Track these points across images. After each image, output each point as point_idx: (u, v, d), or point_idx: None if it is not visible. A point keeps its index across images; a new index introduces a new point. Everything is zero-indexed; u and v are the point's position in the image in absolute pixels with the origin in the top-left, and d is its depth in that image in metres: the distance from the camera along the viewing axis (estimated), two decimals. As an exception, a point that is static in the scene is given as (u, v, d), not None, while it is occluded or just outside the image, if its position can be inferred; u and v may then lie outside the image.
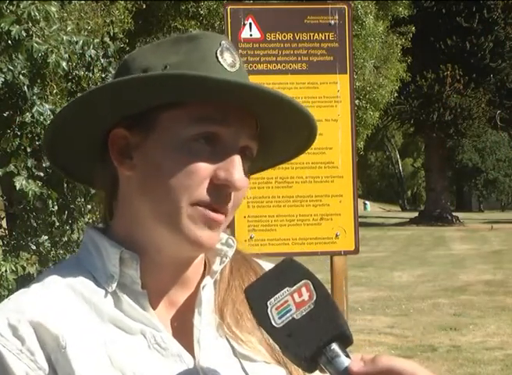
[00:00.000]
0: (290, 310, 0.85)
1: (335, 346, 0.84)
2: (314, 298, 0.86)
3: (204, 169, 0.95)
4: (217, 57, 0.97)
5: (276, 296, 0.86)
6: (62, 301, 0.97)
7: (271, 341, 0.88)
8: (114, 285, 0.98)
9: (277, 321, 0.85)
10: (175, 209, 0.95)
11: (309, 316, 0.85)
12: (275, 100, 0.95)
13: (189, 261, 1.03)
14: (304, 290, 0.87)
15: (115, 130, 1.00)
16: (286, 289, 0.87)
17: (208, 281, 1.04)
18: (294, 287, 0.87)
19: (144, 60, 0.99)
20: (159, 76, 0.94)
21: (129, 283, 0.99)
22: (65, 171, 1.11)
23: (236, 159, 0.96)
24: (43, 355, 0.93)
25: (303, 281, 0.87)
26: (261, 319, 0.86)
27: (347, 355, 0.84)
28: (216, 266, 1.05)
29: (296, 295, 0.86)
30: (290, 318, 0.85)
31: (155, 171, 0.96)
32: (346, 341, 0.85)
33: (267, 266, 1.11)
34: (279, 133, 1.05)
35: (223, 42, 0.99)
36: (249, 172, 1.02)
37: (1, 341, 0.93)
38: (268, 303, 0.86)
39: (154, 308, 1.00)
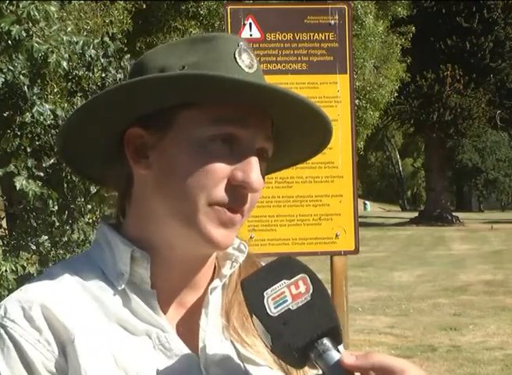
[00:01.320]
0: (286, 301, 0.87)
1: (326, 340, 0.85)
2: (311, 290, 0.87)
3: (221, 169, 0.95)
4: (235, 58, 0.97)
5: (273, 287, 0.87)
6: (71, 296, 0.98)
7: (260, 331, 0.88)
8: (124, 283, 0.99)
9: (273, 310, 0.86)
10: (192, 209, 0.95)
11: (305, 307, 0.86)
12: (293, 102, 0.95)
13: (200, 262, 1.03)
14: (300, 283, 0.88)
15: (131, 130, 1.00)
16: (282, 281, 0.88)
17: (217, 284, 1.04)
18: (291, 280, 0.88)
19: (161, 60, 0.99)
20: (178, 75, 0.93)
21: (138, 282, 0.99)
22: (79, 171, 1.12)
23: (253, 161, 0.96)
24: (58, 346, 0.95)
25: (300, 275, 0.89)
26: (257, 308, 0.87)
27: (338, 351, 0.85)
28: (226, 270, 1.05)
29: (292, 287, 0.87)
30: (286, 308, 0.86)
31: (172, 170, 0.96)
32: (337, 337, 0.86)
33: None
34: (294, 133, 1.05)
35: (241, 43, 0.99)
36: (265, 172, 1.02)
37: (18, 331, 0.95)
38: (265, 293, 0.87)
39: (162, 308, 1.00)
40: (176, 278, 1.02)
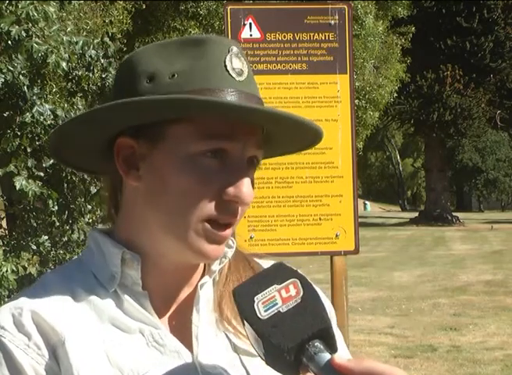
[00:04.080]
0: (276, 304, 0.87)
1: (318, 342, 0.85)
2: (301, 294, 0.88)
3: (212, 184, 0.95)
4: (225, 66, 0.97)
5: (264, 292, 0.88)
6: (62, 301, 0.99)
7: (252, 339, 0.89)
8: (115, 285, 0.99)
9: (263, 314, 0.86)
10: (184, 224, 0.96)
11: (296, 309, 0.87)
12: (283, 119, 0.96)
13: (192, 266, 1.04)
14: (291, 287, 0.88)
15: (121, 139, 0.99)
16: (273, 286, 0.88)
17: (206, 280, 1.05)
18: (282, 285, 0.88)
19: (150, 64, 0.98)
20: (165, 99, 0.93)
21: (130, 284, 1.00)
22: (73, 166, 1.13)
23: (245, 174, 0.97)
24: (49, 350, 0.95)
25: (291, 279, 0.89)
26: (247, 313, 0.87)
27: (330, 354, 0.85)
28: (215, 266, 1.06)
29: (283, 291, 0.88)
30: (276, 311, 0.87)
31: (163, 185, 0.96)
32: (329, 339, 0.86)
33: (265, 263, 1.12)
34: (284, 138, 1.05)
35: (232, 48, 0.98)
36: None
37: (7, 336, 0.95)
38: (255, 298, 0.88)
39: (155, 307, 1.01)
40: (167, 278, 1.02)
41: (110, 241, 1.02)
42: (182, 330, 1.01)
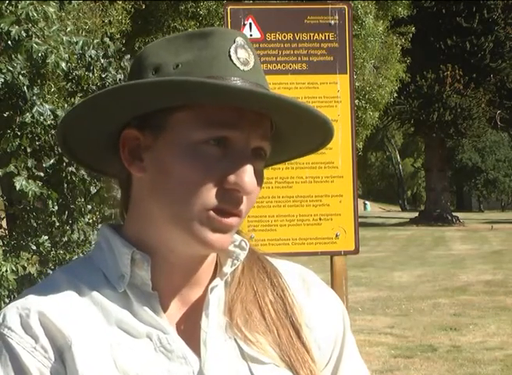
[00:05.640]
0: None
1: None
2: None
3: (214, 173, 0.94)
4: (230, 55, 0.95)
5: None
6: (70, 302, 0.98)
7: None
8: (124, 285, 0.98)
9: None
10: (187, 214, 0.95)
11: None
12: (286, 105, 0.94)
13: (200, 261, 1.02)
14: None
15: (127, 131, 0.99)
16: None
17: (218, 283, 1.03)
18: None
19: (157, 57, 0.98)
20: (167, 81, 0.92)
21: (139, 284, 0.99)
22: (84, 164, 1.11)
23: (247, 163, 0.95)
24: (55, 353, 0.94)
25: None
26: None
27: None
28: (227, 268, 1.03)
29: None
30: None
31: (166, 174, 0.95)
32: None
33: (279, 264, 1.11)
34: (292, 132, 1.03)
35: (238, 39, 0.97)
36: (263, 168, 1.01)
37: (15, 338, 0.94)
38: None
39: (165, 309, 0.99)
40: (176, 278, 1.01)
41: (119, 238, 1.01)
42: (190, 334, 0.99)
